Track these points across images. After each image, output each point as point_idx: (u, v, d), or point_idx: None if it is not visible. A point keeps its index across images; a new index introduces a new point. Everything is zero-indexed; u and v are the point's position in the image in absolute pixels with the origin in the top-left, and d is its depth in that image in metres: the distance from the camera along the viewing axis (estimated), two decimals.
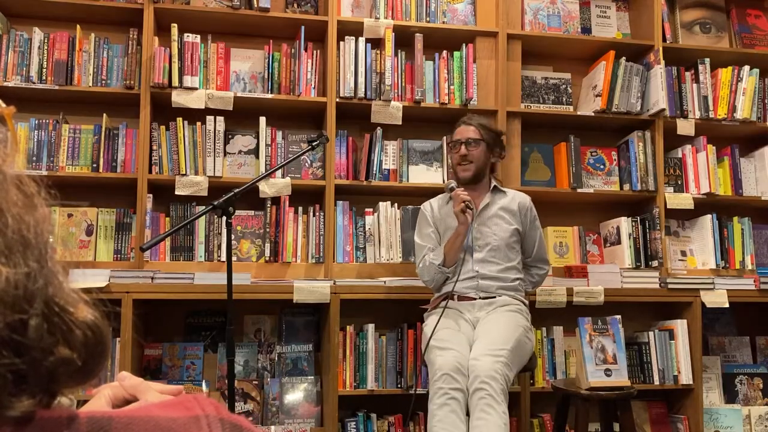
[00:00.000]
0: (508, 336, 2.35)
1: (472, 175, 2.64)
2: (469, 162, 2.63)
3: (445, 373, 2.22)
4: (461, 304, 2.56)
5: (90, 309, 0.41)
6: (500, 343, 2.29)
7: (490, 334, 2.35)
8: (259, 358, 3.01)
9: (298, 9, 3.21)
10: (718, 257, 3.39)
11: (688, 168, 3.43)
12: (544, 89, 3.44)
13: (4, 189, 0.38)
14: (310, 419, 2.89)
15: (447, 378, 2.22)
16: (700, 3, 3.58)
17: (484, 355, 2.24)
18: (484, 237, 2.61)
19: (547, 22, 3.45)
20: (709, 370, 3.27)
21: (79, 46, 2.95)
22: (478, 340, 2.37)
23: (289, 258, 3.02)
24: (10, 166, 0.39)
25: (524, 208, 2.67)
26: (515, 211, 2.66)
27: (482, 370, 2.19)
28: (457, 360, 2.25)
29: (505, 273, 2.58)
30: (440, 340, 2.37)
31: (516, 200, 2.68)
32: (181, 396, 0.40)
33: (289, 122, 3.18)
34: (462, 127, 2.70)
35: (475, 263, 2.58)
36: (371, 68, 3.12)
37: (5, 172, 0.39)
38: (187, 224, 2.75)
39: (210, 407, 0.40)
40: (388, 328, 3.01)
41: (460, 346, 2.33)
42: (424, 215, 2.75)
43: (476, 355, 2.26)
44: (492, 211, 2.64)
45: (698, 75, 3.45)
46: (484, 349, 2.28)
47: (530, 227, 2.68)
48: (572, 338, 3.01)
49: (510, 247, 2.61)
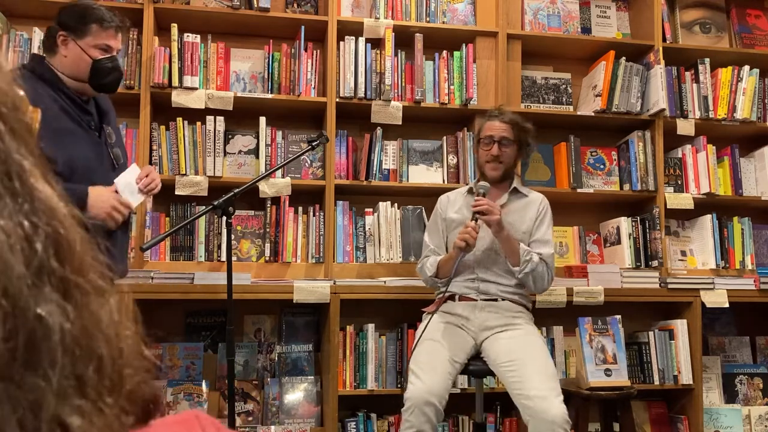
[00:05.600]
0: (552, 365, 2.31)
1: (502, 175, 2.55)
2: (499, 162, 2.53)
3: (412, 405, 2.18)
4: (462, 305, 2.49)
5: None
6: (556, 379, 2.25)
7: (543, 368, 2.26)
8: (259, 358, 3.01)
9: (298, 9, 3.21)
10: (718, 257, 3.39)
11: (688, 168, 3.43)
12: (544, 89, 3.44)
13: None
14: (310, 419, 2.89)
15: (415, 411, 2.17)
16: (700, 3, 3.58)
17: (551, 398, 2.14)
18: (490, 239, 2.50)
19: (547, 22, 3.45)
20: (709, 370, 3.27)
21: None
22: (533, 372, 2.24)
23: (289, 258, 3.03)
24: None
25: (541, 212, 2.56)
26: (530, 216, 2.55)
27: (557, 416, 2.10)
28: (427, 391, 2.19)
29: (508, 275, 2.49)
30: (417, 362, 2.31)
31: (533, 203, 2.58)
32: (183, 413, 0.40)
33: (289, 122, 3.18)
34: (495, 123, 2.56)
35: (477, 266, 2.50)
36: (371, 68, 3.12)
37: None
38: (187, 224, 2.76)
39: (211, 427, 0.40)
40: (388, 328, 3.01)
41: (435, 371, 2.27)
42: (437, 209, 2.69)
43: (542, 395, 2.16)
44: (505, 213, 2.52)
45: (698, 75, 3.45)
46: (548, 388, 2.18)
47: (539, 224, 2.56)
48: (572, 338, 3.01)
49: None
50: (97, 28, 2.05)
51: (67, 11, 2.08)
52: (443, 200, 2.70)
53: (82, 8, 2.06)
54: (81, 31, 2.03)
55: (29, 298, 0.29)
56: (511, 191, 2.58)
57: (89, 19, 2.03)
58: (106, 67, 2.07)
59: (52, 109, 1.96)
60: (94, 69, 2.05)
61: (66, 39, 2.04)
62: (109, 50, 2.08)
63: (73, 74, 2.05)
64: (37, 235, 0.30)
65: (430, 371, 2.26)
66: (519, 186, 2.61)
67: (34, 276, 0.30)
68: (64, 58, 2.05)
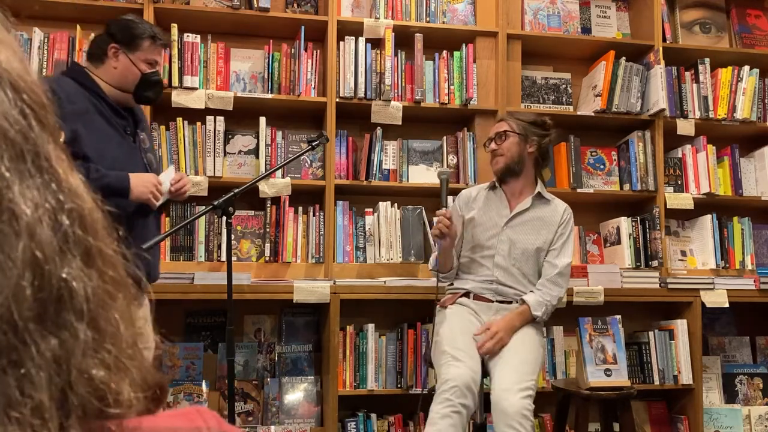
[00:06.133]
0: (533, 360, 2.32)
1: (503, 167, 2.55)
2: (499, 155, 2.56)
3: (457, 386, 2.17)
4: (477, 303, 2.51)
5: None
6: (528, 372, 2.25)
7: (517, 361, 2.29)
8: (259, 358, 3.01)
9: (298, 9, 3.21)
10: (718, 257, 3.39)
11: (688, 168, 3.43)
12: (544, 89, 3.44)
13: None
14: (310, 419, 2.89)
15: (457, 391, 2.16)
16: (700, 3, 3.58)
17: (513, 391, 2.17)
18: (510, 242, 2.51)
19: (547, 22, 3.45)
20: (709, 370, 3.27)
21: (79, 46, 2.94)
22: (504, 365, 2.29)
23: (289, 258, 3.02)
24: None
25: (563, 221, 2.56)
26: (553, 223, 2.55)
27: (513, 409, 2.13)
28: (471, 377, 2.20)
29: (524, 281, 2.51)
30: (455, 348, 2.31)
31: (557, 211, 2.57)
32: (185, 408, 0.41)
33: (289, 122, 3.18)
34: (496, 124, 2.68)
35: (496, 269, 2.50)
36: (371, 68, 3.12)
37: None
38: (187, 224, 2.76)
39: (212, 420, 0.41)
40: (388, 328, 3.01)
41: (473, 360, 2.29)
42: (455, 205, 2.68)
43: (505, 387, 2.20)
44: (526, 218, 2.54)
45: (698, 75, 3.45)
46: (512, 381, 2.21)
47: (560, 234, 2.55)
48: (572, 338, 3.01)
49: (534, 259, 2.52)
50: (148, 44, 2.18)
51: (119, 26, 2.19)
52: (464, 195, 2.70)
53: (134, 24, 2.19)
54: (134, 45, 2.16)
55: (56, 262, 0.35)
56: (535, 196, 2.57)
57: (142, 35, 2.16)
58: (152, 81, 2.20)
59: (90, 112, 2.07)
60: (142, 81, 2.17)
61: (117, 51, 2.15)
62: (155, 65, 2.21)
63: (120, 85, 2.16)
64: (63, 210, 0.36)
65: (470, 358, 2.28)
66: (543, 191, 2.61)
67: (60, 242, 0.35)
68: (113, 69, 2.15)
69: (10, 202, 0.33)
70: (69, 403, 0.34)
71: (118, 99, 2.17)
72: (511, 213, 2.55)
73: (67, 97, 2.01)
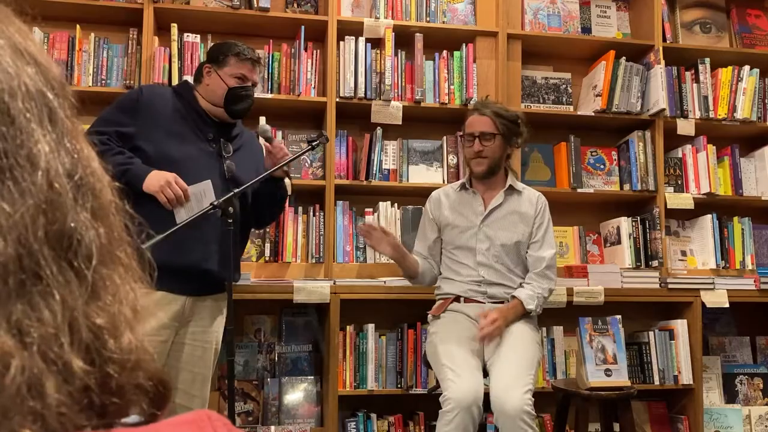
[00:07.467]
0: (530, 357, 2.31)
1: (487, 170, 2.51)
2: (483, 157, 2.50)
3: (459, 410, 2.13)
4: (468, 306, 2.49)
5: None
6: (526, 368, 2.24)
7: (515, 359, 2.27)
8: (259, 358, 3.01)
9: (298, 9, 3.21)
10: (718, 257, 3.38)
11: (688, 168, 3.43)
12: (544, 89, 3.44)
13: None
14: (310, 419, 2.89)
15: (460, 413, 2.12)
16: (700, 3, 3.58)
17: (513, 389, 2.15)
18: (489, 240, 2.50)
19: (547, 22, 3.45)
20: (709, 370, 3.27)
21: (79, 46, 2.95)
22: (501, 364, 2.27)
23: (289, 258, 3.02)
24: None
25: (539, 212, 2.54)
26: (529, 214, 2.54)
27: (514, 407, 2.11)
28: (473, 394, 2.16)
29: (511, 275, 2.50)
30: (454, 363, 2.27)
31: (531, 202, 2.55)
32: (195, 412, 0.40)
33: (289, 122, 3.18)
34: (475, 117, 2.52)
35: (480, 267, 2.49)
36: (371, 68, 3.12)
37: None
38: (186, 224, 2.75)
39: (222, 428, 0.40)
40: (388, 328, 3.01)
41: (474, 372, 2.25)
42: (426, 208, 2.66)
43: (504, 386, 2.17)
44: (501, 214, 2.53)
45: (698, 75, 3.45)
46: (511, 379, 2.19)
47: (538, 225, 2.54)
48: (572, 338, 3.01)
49: (515, 252, 2.52)
50: (235, 60, 2.33)
51: (213, 48, 2.43)
52: (434, 197, 2.66)
53: (224, 44, 2.39)
54: (222, 62, 2.33)
55: (68, 206, 0.37)
56: (506, 189, 2.56)
57: (229, 52, 2.34)
58: (239, 94, 2.33)
59: (167, 113, 2.26)
60: (229, 95, 2.31)
61: (210, 70, 2.34)
62: (244, 80, 2.34)
63: (212, 99, 2.33)
64: (77, 166, 0.39)
65: (469, 372, 2.24)
66: (514, 183, 2.59)
67: (73, 191, 0.38)
68: (206, 86, 2.34)
69: (34, 144, 0.36)
70: (76, 335, 0.36)
71: (215, 114, 2.34)
72: (486, 211, 2.53)
73: (148, 98, 2.24)
